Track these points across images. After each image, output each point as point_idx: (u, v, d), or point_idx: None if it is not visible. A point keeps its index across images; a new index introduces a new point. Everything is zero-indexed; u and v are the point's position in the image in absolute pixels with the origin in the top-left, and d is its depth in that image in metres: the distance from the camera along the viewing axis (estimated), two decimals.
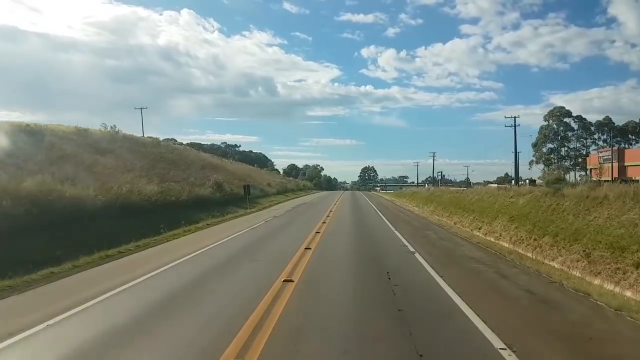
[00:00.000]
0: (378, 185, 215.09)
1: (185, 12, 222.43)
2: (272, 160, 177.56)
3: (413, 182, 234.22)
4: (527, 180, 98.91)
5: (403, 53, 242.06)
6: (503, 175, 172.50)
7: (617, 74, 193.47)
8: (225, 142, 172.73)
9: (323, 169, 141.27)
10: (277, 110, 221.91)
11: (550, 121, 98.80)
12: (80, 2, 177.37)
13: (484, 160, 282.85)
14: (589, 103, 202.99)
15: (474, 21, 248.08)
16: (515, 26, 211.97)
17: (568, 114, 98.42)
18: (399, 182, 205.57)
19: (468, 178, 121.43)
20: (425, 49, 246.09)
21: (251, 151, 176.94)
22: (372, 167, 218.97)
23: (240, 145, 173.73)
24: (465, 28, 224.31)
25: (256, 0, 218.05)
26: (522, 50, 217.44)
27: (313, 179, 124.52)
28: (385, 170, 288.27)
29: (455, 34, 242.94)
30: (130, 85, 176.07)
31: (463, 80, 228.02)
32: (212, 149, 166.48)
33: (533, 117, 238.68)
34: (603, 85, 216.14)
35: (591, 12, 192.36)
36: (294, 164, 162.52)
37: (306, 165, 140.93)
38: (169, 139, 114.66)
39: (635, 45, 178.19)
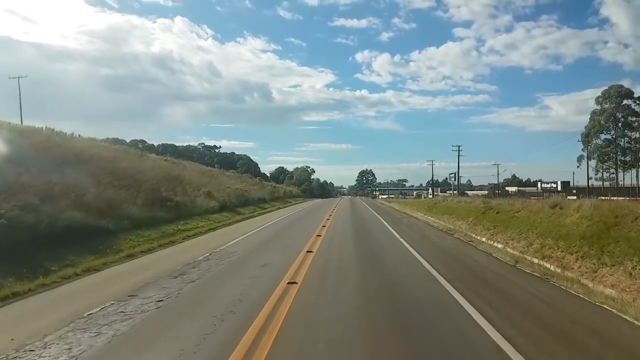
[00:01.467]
0: (377, 189, 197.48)
1: (178, 19, 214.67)
2: (257, 163, 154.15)
3: (413, 186, 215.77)
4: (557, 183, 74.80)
5: (397, 57, 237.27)
6: (510, 177, 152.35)
7: (610, 75, 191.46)
8: (203, 143, 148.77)
9: (314, 171, 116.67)
10: (273, 115, 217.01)
11: (606, 104, 75.07)
12: (74, 11, 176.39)
13: (479, 162, 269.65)
14: (583, 104, 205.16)
15: (467, 24, 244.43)
16: (508, 29, 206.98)
17: (629, 94, 74.32)
18: (398, 186, 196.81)
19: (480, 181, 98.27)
20: (419, 52, 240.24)
21: (233, 153, 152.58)
22: (371, 170, 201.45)
23: (220, 147, 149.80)
24: (458, 31, 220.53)
25: (250, 7, 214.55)
26: (515, 52, 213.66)
27: (302, 184, 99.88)
28: (382, 174, 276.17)
29: (448, 38, 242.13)
30: (125, 93, 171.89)
31: (457, 83, 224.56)
32: (188, 150, 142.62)
33: (527, 119, 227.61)
34: (597, 86, 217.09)
35: (583, 13, 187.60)
36: (283, 167, 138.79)
37: (297, 168, 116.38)
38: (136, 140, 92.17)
39: (628, 46, 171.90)
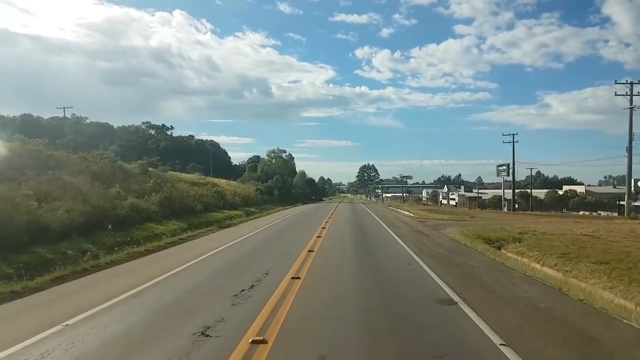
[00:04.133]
0: (379, 186, 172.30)
1: (177, 13, 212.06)
2: (227, 152, 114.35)
3: (417, 184, 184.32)
4: None
5: (397, 53, 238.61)
6: (534, 173, 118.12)
7: (611, 73, 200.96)
8: (149, 122, 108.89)
9: (293, 159, 75.73)
10: (272, 111, 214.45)
11: None
12: (72, 3, 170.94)
13: (479, 160, 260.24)
14: (583, 103, 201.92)
15: (468, 21, 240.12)
16: (510, 26, 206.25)
17: None
18: (401, 184, 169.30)
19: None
20: (420, 49, 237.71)
21: (192, 136, 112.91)
22: (373, 165, 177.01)
23: (173, 127, 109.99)
24: (459, 28, 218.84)
25: (249, 1, 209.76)
26: (516, 50, 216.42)
27: (270, 178, 59.19)
28: (382, 171, 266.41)
29: (449, 34, 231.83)
30: (124, 86, 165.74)
31: (457, 80, 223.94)
32: (127, 132, 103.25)
33: (527, 117, 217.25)
34: (597, 85, 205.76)
35: (585, 11, 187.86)
36: (259, 157, 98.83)
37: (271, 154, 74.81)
38: None
39: (629, 45, 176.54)
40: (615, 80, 38.23)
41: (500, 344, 5.56)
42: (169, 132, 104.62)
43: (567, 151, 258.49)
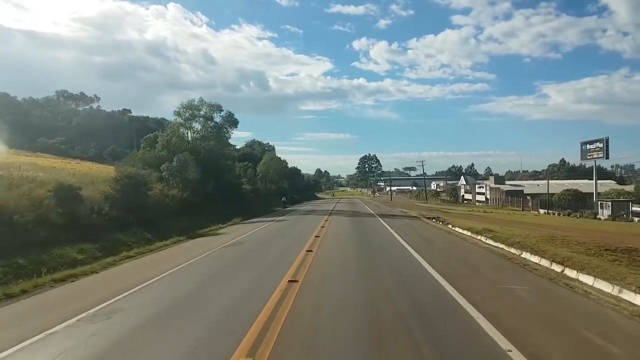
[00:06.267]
0: (381, 178, 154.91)
1: (172, 5, 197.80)
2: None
3: (420, 176, 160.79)
4: None
5: (395, 45, 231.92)
6: (558, 162, 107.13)
7: (609, 63, 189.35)
8: (66, 91, 78.30)
9: (235, 124, 43.18)
10: (270, 104, 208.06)
11: None
12: None
13: (477, 152, 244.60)
14: (581, 92, 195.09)
15: (466, 11, 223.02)
16: (507, 16, 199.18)
17: None
18: (404, 176, 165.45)
19: None
20: (417, 40, 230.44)
21: (127, 111, 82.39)
22: (374, 156, 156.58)
23: (99, 98, 79.57)
24: (456, 19, 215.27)
25: None
26: (514, 40, 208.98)
27: (171, 157, 29.16)
28: (381, 163, 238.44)
29: (446, 25, 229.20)
30: (120, 81, 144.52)
31: (455, 71, 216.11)
32: (36, 105, 74.31)
33: (526, 108, 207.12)
34: (596, 74, 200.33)
35: (583, 0, 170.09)
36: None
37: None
38: None
39: (627, 34, 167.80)
40: None
41: None
42: (94, 106, 74.80)
43: (566, 141, 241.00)
